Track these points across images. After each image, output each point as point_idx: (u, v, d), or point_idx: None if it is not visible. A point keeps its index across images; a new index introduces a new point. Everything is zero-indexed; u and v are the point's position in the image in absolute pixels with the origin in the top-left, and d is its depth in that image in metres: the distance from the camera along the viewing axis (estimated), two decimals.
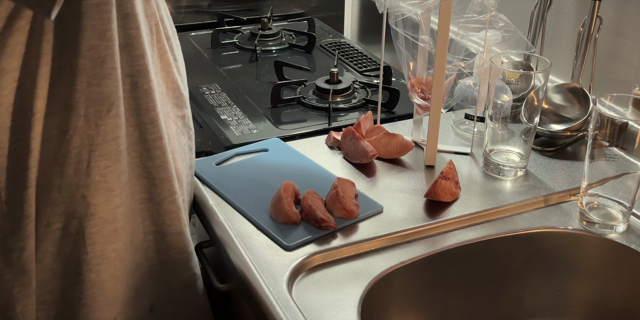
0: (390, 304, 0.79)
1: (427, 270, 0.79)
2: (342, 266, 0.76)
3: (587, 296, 0.85)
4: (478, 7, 0.89)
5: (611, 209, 0.81)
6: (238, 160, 0.96)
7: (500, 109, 0.88)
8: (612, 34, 1.00)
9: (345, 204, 0.80)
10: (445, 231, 0.82)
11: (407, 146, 0.94)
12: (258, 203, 0.84)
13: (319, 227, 0.79)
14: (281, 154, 0.97)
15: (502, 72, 0.87)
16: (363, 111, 1.20)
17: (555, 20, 1.10)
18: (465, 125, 1.04)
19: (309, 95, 1.25)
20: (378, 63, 1.40)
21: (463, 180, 0.91)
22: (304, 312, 0.68)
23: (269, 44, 1.51)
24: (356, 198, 0.85)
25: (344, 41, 1.53)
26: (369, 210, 0.83)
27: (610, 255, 0.81)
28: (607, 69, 1.02)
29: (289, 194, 0.82)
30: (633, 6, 0.96)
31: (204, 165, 0.93)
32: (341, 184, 0.84)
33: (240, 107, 1.20)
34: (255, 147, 0.99)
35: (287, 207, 0.80)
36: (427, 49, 0.93)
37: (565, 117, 1.00)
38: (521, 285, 0.86)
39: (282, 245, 0.77)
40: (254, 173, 0.91)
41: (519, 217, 0.84)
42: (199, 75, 1.33)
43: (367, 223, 0.82)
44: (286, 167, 0.93)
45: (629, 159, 0.77)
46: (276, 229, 0.79)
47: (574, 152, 0.98)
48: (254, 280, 0.72)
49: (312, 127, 1.13)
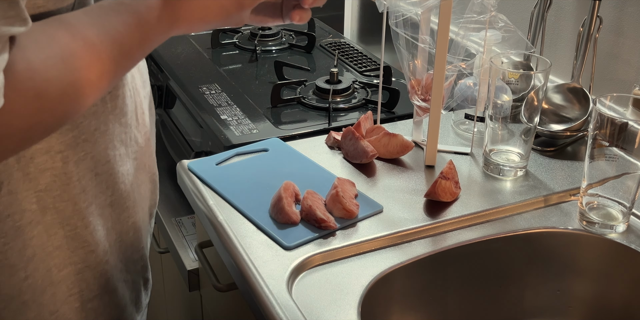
0: (390, 304, 0.79)
1: (427, 270, 0.79)
2: (342, 266, 0.76)
3: (587, 296, 0.85)
4: (478, 8, 0.89)
5: (611, 209, 0.81)
6: (238, 160, 0.96)
7: (500, 109, 0.88)
8: (612, 34, 1.00)
9: (345, 204, 0.80)
10: (445, 231, 0.82)
11: (407, 146, 0.94)
12: (258, 203, 0.84)
13: (319, 227, 0.79)
14: (281, 154, 0.97)
15: (502, 72, 0.87)
16: (363, 111, 1.20)
17: (555, 20, 1.10)
18: (465, 125, 1.04)
19: (309, 95, 1.25)
20: (378, 63, 1.40)
21: (463, 180, 0.91)
22: (304, 312, 0.68)
23: (269, 44, 1.51)
24: (356, 198, 0.85)
25: (344, 41, 1.53)
26: (369, 211, 0.83)
27: (610, 255, 0.81)
28: (607, 69, 1.02)
29: (289, 194, 0.82)
30: (633, 6, 0.96)
31: (204, 165, 0.93)
32: (341, 184, 0.84)
33: (240, 107, 1.19)
34: (255, 147, 0.99)
35: (287, 207, 0.80)
36: (427, 49, 0.93)
37: (565, 117, 1.00)
38: (521, 285, 0.86)
39: (282, 245, 0.77)
40: (254, 173, 0.91)
41: (519, 217, 0.84)
42: (199, 75, 1.33)
43: (367, 223, 0.82)
44: (286, 167, 0.93)
45: (629, 159, 0.77)
46: (276, 229, 0.79)
47: (574, 152, 0.98)
48: (254, 280, 0.72)
49: (312, 127, 1.13)
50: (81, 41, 0.53)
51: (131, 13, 0.58)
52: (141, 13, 0.58)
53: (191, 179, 0.91)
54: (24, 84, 0.49)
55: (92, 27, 0.55)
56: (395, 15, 0.91)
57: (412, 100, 0.97)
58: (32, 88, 0.49)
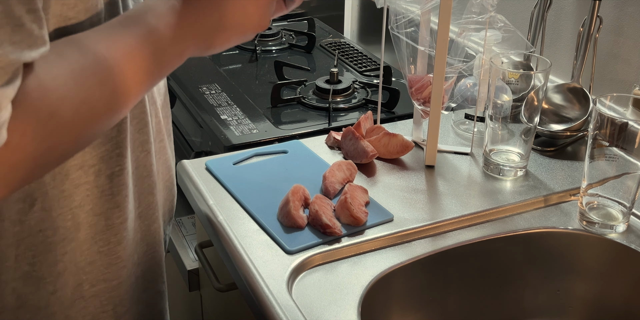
0: (390, 304, 0.79)
1: (427, 270, 0.79)
2: (342, 266, 0.76)
3: (587, 296, 0.85)
4: (477, 8, 0.89)
5: (611, 209, 0.81)
6: (256, 160, 0.95)
7: (500, 109, 0.88)
8: (612, 34, 1.00)
9: (352, 211, 0.79)
10: (445, 231, 0.82)
11: (407, 146, 0.94)
12: (268, 205, 0.84)
13: (324, 233, 0.78)
14: (300, 157, 0.95)
15: (502, 72, 0.87)
16: (363, 111, 1.20)
17: (555, 20, 1.10)
18: (465, 125, 1.04)
19: (309, 95, 1.25)
20: (378, 63, 1.40)
21: (463, 180, 0.91)
22: (304, 312, 0.68)
23: (269, 44, 1.51)
24: (367, 205, 0.84)
25: (344, 41, 1.53)
26: (379, 219, 0.82)
27: (610, 255, 0.81)
28: (607, 69, 1.02)
29: (297, 197, 0.81)
30: (633, 6, 0.96)
31: (220, 164, 0.93)
32: (351, 190, 0.83)
33: (240, 107, 1.20)
34: (274, 149, 0.98)
35: (294, 211, 0.79)
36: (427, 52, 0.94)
37: (565, 117, 1.00)
38: (521, 285, 0.86)
39: (285, 249, 0.76)
40: (270, 175, 0.91)
41: (519, 217, 0.84)
42: (199, 75, 1.33)
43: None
44: (302, 171, 0.92)
45: (629, 159, 0.77)
46: (281, 233, 0.79)
47: (574, 152, 0.98)
48: (254, 280, 0.72)
49: (312, 127, 1.13)
50: (91, 57, 0.51)
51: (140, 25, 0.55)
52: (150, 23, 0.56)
53: (191, 178, 0.91)
54: (36, 104, 0.46)
55: (101, 42, 0.52)
56: (395, 18, 0.91)
57: (414, 103, 0.97)
58: (45, 108, 0.46)
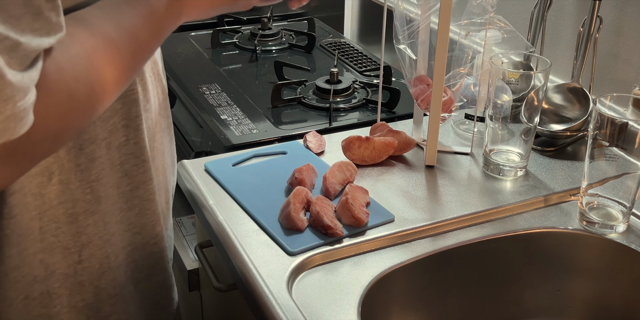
0: (390, 304, 0.79)
1: (427, 270, 0.79)
2: (342, 266, 0.76)
3: (587, 296, 0.85)
4: (477, 9, 0.89)
5: (611, 209, 0.81)
6: (255, 162, 0.95)
7: (500, 109, 0.88)
8: (612, 34, 1.00)
9: (354, 212, 0.79)
10: (445, 231, 0.82)
11: (410, 143, 0.95)
12: (268, 206, 0.83)
13: (326, 234, 0.78)
14: (299, 158, 0.95)
15: (502, 72, 0.87)
16: (363, 111, 1.20)
17: (555, 20, 1.10)
18: (465, 125, 1.04)
19: (309, 95, 1.25)
20: (378, 63, 1.40)
21: (463, 180, 0.91)
22: (304, 312, 0.68)
23: (269, 44, 1.51)
24: (368, 206, 0.84)
25: (344, 41, 1.53)
26: (380, 219, 0.82)
27: (610, 255, 0.81)
28: (607, 69, 1.02)
29: (298, 200, 0.81)
30: (633, 6, 0.96)
31: (220, 166, 0.93)
32: (352, 191, 0.83)
33: (240, 107, 1.20)
34: (274, 149, 0.98)
35: (294, 213, 0.79)
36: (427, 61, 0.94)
37: (565, 117, 1.00)
38: (521, 285, 0.86)
39: (287, 251, 0.76)
40: (269, 176, 0.91)
41: (519, 217, 0.84)
42: (199, 75, 1.33)
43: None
44: None
45: (629, 159, 0.77)
46: (282, 234, 0.79)
47: (574, 152, 0.98)
48: (254, 280, 0.72)
49: (313, 127, 1.13)
50: (100, 37, 0.52)
51: (143, 4, 0.57)
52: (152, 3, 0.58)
53: (191, 178, 0.91)
54: (55, 86, 0.47)
55: (108, 22, 0.54)
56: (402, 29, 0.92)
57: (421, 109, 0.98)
58: (63, 89, 0.48)
